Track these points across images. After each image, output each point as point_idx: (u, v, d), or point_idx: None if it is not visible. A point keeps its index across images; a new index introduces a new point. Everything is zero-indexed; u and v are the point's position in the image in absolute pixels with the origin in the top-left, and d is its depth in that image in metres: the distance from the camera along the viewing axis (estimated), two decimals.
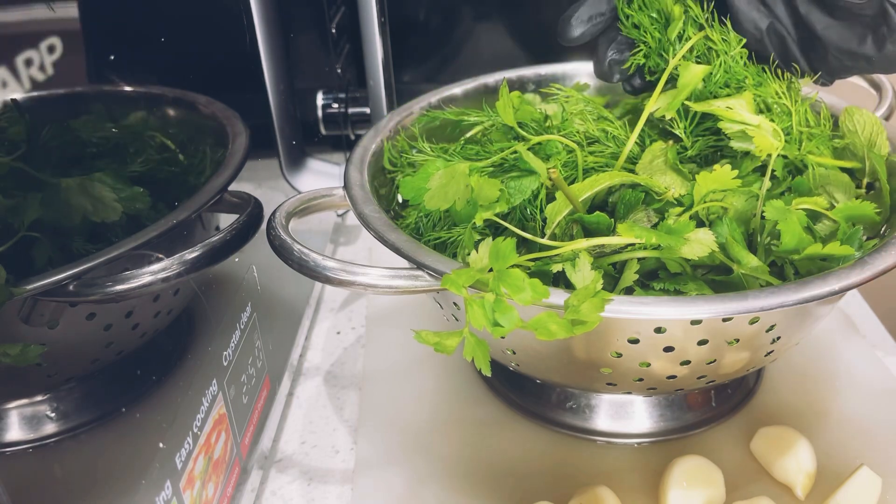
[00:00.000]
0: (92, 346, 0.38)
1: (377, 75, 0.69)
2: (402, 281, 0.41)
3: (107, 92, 0.41)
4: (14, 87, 0.32)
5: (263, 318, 0.53)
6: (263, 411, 0.54)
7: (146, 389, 0.40)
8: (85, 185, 0.36)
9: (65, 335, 0.35)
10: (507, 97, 0.49)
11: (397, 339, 0.64)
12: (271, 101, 0.61)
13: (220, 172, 0.45)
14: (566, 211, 0.44)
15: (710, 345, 0.42)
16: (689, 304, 0.39)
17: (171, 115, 0.45)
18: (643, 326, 0.41)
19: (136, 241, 0.37)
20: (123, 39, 0.46)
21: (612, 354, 0.43)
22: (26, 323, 0.32)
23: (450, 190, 0.45)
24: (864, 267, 0.40)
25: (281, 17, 0.60)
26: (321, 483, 0.53)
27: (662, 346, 0.42)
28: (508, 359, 0.48)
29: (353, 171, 0.51)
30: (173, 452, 0.40)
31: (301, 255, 0.43)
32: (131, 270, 0.36)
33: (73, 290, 0.33)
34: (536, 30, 0.87)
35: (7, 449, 0.33)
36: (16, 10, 0.34)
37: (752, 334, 0.43)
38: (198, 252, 0.39)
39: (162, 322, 0.42)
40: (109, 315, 0.37)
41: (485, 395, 0.57)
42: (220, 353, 0.46)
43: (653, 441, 0.53)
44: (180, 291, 0.44)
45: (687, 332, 0.41)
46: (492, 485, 0.50)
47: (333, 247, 0.78)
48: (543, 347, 0.45)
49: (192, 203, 0.42)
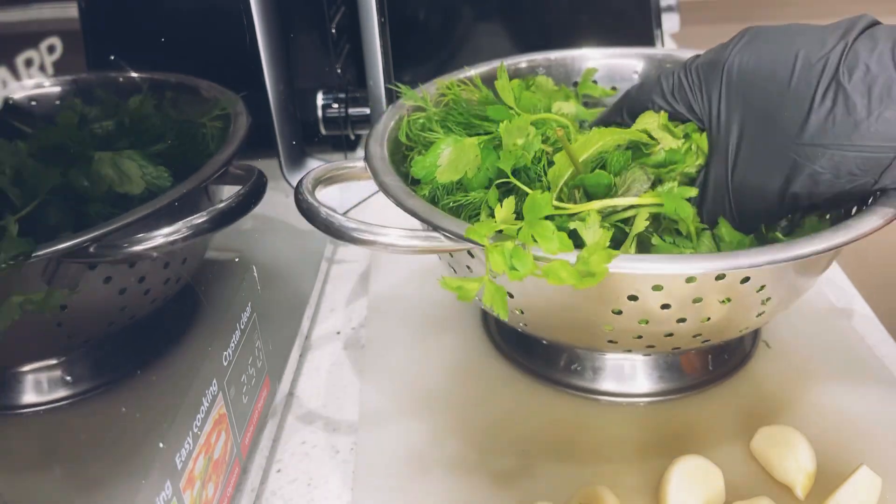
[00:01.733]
0: (108, 309, 0.41)
1: (377, 75, 0.69)
2: (419, 241, 0.45)
3: (115, 79, 0.45)
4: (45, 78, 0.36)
5: (263, 318, 0.53)
6: (263, 411, 0.54)
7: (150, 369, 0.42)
8: (115, 159, 0.41)
9: (84, 297, 0.39)
10: (506, 78, 0.54)
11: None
12: (271, 101, 0.61)
13: (226, 147, 0.48)
14: (568, 173, 0.47)
15: (704, 303, 0.45)
16: (685, 262, 0.42)
17: (180, 98, 0.49)
18: (642, 283, 0.43)
19: (152, 208, 0.41)
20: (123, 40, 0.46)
21: (614, 311, 0.46)
22: (49, 285, 0.36)
23: (460, 162, 0.50)
24: (848, 230, 0.42)
25: (281, 17, 0.60)
26: (321, 483, 0.53)
27: (660, 304, 0.45)
28: (517, 319, 0.51)
29: (373, 145, 0.55)
30: (173, 452, 0.40)
31: (327, 216, 0.46)
32: (145, 233, 0.40)
33: (93, 252, 0.37)
34: (536, 30, 0.87)
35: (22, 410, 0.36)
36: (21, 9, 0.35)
37: (743, 294, 0.45)
38: (205, 217, 0.42)
39: (171, 289, 0.45)
40: (124, 279, 0.41)
41: (495, 358, 0.61)
42: (221, 353, 0.46)
43: (652, 401, 0.55)
44: (188, 260, 0.47)
45: (682, 289, 0.44)
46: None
47: (334, 247, 0.78)
48: (550, 306, 0.48)
49: (202, 173, 0.45)
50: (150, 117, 0.45)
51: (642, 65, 0.66)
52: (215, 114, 0.50)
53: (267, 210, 0.61)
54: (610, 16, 0.88)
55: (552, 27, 0.88)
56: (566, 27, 0.88)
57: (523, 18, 0.87)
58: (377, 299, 0.69)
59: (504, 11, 0.87)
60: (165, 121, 0.46)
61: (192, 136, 0.48)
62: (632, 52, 0.67)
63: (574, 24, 0.88)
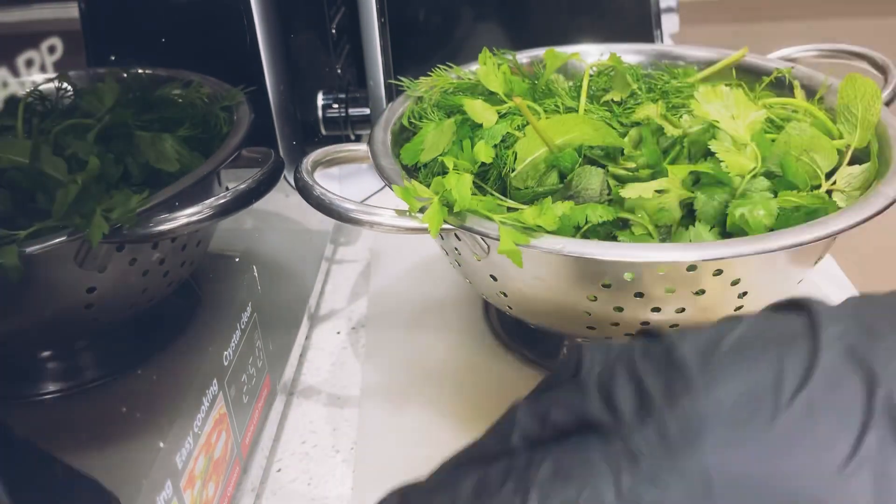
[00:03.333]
0: (131, 291, 0.44)
1: (377, 75, 0.69)
2: (408, 222, 0.45)
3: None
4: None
5: (264, 317, 0.53)
6: (264, 411, 0.54)
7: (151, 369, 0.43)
8: (154, 139, 0.45)
9: (111, 279, 0.41)
10: (492, 65, 0.56)
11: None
12: (271, 101, 0.61)
13: (237, 131, 0.51)
14: (539, 150, 0.49)
15: (678, 294, 0.45)
16: (657, 251, 0.42)
17: (191, 90, 0.52)
18: (614, 270, 0.44)
19: (178, 189, 0.43)
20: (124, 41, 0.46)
21: (589, 298, 0.46)
22: (81, 266, 0.38)
23: (440, 142, 0.52)
24: (814, 227, 0.42)
25: (281, 17, 0.60)
26: (321, 483, 0.53)
27: (633, 292, 0.45)
28: (503, 301, 0.52)
29: (378, 130, 0.56)
30: (174, 452, 0.40)
31: (321, 195, 0.47)
32: (168, 214, 0.41)
33: (125, 231, 0.39)
34: (536, 31, 0.87)
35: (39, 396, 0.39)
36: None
37: (717, 287, 0.45)
38: (228, 197, 0.44)
39: (186, 271, 0.48)
40: (146, 262, 0.43)
41: (501, 356, 0.62)
42: (221, 353, 0.46)
43: None
44: (201, 243, 0.49)
45: (654, 278, 0.44)
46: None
47: (334, 247, 0.78)
48: (529, 290, 0.49)
49: (217, 157, 0.48)
50: (174, 104, 0.49)
51: (639, 60, 0.66)
52: (226, 103, 0.53)
53: (268, 210, 0.61)
54: (610, 16, 0.88)
55: (552, 28, 0.88)
56: (566, 28, 0.88)
57: (523, 19, 0.87)
58: (377, 297, 0.69)
59: (504, 12, 0.87)
60: (186, 107, 0.50)
61: (208, 122, 0.51)
62: (630, 48, 0.67)
63: (574, 25, 0.88)
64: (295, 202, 0.65)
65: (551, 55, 0.61)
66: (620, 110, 0.57)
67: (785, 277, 0.49)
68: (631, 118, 0.55)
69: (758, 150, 0.48)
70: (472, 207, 0.44)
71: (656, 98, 0.57)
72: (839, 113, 0.52)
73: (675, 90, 0.57)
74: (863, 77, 0.51)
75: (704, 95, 0.49)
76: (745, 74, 0.62)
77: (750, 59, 0.62)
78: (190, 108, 0.50)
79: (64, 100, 0.42)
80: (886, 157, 0.49)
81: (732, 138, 0.48)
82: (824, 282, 0.69)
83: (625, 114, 0.56)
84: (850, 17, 1.26)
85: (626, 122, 0.55)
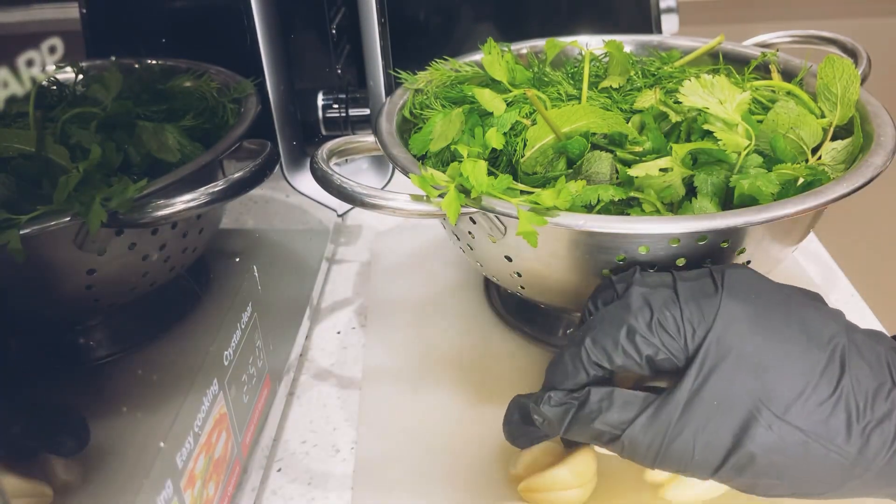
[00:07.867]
0: (131, 275, 0.45)
1: (377, 76, 0.69)
2: (423, 206, 0.47)
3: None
4: None
5: (264, 317, 0.53)
6: (264, 411, 0.54)
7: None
8: (156, 129, 0.46)
9: (110, 262, 0.42)
10: (497, 54, 0.57)
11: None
12: (271, 101, 0.61)
13: (241, 122, 0.52)
14: (547, 137, 0.50)
15: (688, 265, 0.47)
16: (667, 223, 0.44)
17: (203, 81, 0.54)
18: (628, 243, 0.46)
19: (178, 176, 0.44)
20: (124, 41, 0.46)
21: (604, 274, 0.48)
22: (80, 248, 0.39)
23: (449, 131, 0.53)
24: (805, 199, 0.44)
25: (281, 17, 0.60)
26: (321, 483, 0.53)
27: (646, 266, 0.46)
28: (516, 282, 0.53)
29: (383, 121, 0.57)
30: (174, 451, 0.40)
31: (341, 183, 0.48)
32: (166, 200, 0.42)
33: (121, 217, 0.40)
34: (536, 31, 0.88)
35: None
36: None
37: (724, 257, 0.47)
38: (222, 185, 0.45)
39: (188, 258, 0.49)
40: (147, 246, 0.44)
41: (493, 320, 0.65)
42: (221, 353, 0.46)
43: None
44: (204, 230, 0.50)
45: (667, 251, 0.46)
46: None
47: (334, 247, 0.78)
48: (544, 268, 0.50)
49: (217, 148, 0.49)
50: (182, 95, 0.50)
51: (628, 49, 0.67)
52: (237, 95, 0.54)
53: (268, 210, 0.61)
54: (610, 17, 0.88)
55: (552, 28, 0.88)
56: (566, 28, 0.88)
57: (523, 19, 0.87)
58: (378, 296, 0.69)
59: (503, 14, 0.87)
60: (190, 99, 0.51)
61: (213, 114, 0.52)
62: (628, 39, 0.68)
63: (574, 25, 0.88)
64: (295, 202, 0.65)
65: (552, 44, 0.63)
66: (620, 97, 0.57)
67: (782, 247, 0.51)
68: (632, 105, 0.56)
69: (749, 128, 0.49)
70: (489, 191, 0.46)
71: (651, 83, 0.58)
72: (819, 93, 0.54)
73: (668, 75, 0.59)
74: (840, 58, 0.53)
75: (688, 89, 0.50)
76: (731, 62, 0.64)
77: (731, 46, 0.66)
78: (199, 100, 0.51)
79: (77, 87, 0.43)
80: (868, 132, 0.51)
81: (723, 121, 0.49)
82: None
83: (624, 100, 0.57)
84: (849, 17, 1.26)
85: (625, 108, 0.56)
